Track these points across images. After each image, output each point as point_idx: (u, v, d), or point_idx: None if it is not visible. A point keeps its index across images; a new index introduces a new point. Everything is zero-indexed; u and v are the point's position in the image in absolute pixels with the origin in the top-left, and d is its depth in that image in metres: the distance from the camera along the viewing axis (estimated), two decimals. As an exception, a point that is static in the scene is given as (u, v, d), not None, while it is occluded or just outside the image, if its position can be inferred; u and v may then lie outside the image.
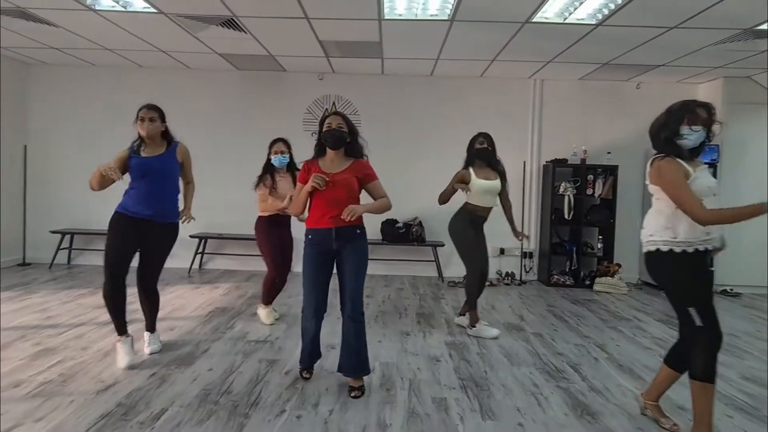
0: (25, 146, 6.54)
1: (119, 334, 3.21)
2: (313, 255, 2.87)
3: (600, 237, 6.24)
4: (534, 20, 4.27)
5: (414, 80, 6.48)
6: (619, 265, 6.01)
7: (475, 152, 4.02)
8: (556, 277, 6.18)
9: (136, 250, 3.25)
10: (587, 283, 6.09)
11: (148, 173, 3.17)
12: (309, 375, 3.08)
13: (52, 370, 3.06)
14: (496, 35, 4.74)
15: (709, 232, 2.28)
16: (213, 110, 6.53)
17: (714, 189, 2.32)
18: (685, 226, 2.28)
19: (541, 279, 6.41)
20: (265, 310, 4.19)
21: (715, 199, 2.28)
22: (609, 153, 6.22)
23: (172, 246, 3.36)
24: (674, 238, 2.31)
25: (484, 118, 6.28)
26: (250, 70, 6.44)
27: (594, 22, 4.30)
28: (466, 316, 4.17)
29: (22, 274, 5.90)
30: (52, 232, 6.34)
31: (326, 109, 6.44)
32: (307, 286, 2.89)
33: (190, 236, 6.10)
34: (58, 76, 6.53)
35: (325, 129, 2.85)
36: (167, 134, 3.32)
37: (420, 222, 6.30)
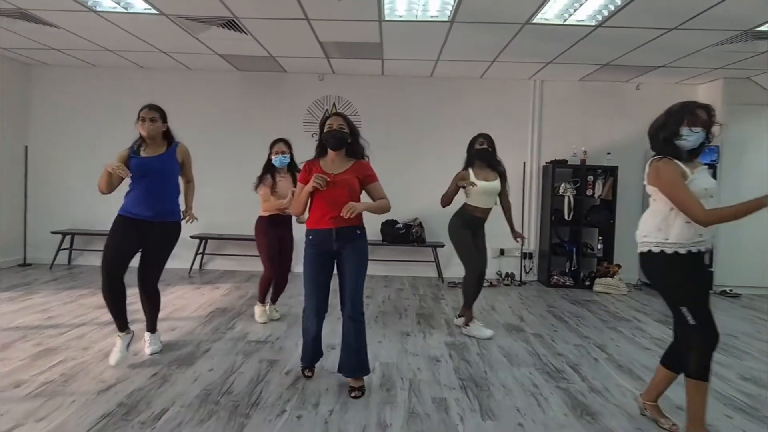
0: (26, 147, 6.55)
1: (120, 331, 3.23)
2: (313, 255, 2.88)
3: (600, 238, 6.25)
4: (534, 21, 4.28)
5: (414, 81, 6.49)
6: (618, 266, 6.01)
7: (475, 153, 4.03)
8: (555, 277, 6.18)
9: (136, 251, 3.24)
10: (587, 283, 6.10)
11: (147, 173, 3.16)
12: (311, 373, 3.09)
13: (54, 370, 3.07)
14: (496, 36, 4.75)
15: (701, 234, 2.28)
16: (213, 111, 6.54)
17: (711, 190, 2.31)
18: (677, 228, 2.28)
19: (541, 279, 6.42)
20: (260, 309, 4.22)
21: (715, 200, 2.28)
22: (609, 154, 6.23)
23: (174, 245, 3.34)
24: (666, 240, 2.31)
25: (484, 118, 6.28)
26: (250, 71, 6.45)
27: (594, 24, 4.31)
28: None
29: (22, 275, 5.91)
30: (53, 233, 6.35)
31: (326, 110, 6.45)
32: (308, 286, 2.90)
33: (191, 237, 6.11)
34: (59, 77, 6.54)
35: (326, 130, 2.86)
36: (169, 134, 3.30)
37: (420, 223, 6.31)
